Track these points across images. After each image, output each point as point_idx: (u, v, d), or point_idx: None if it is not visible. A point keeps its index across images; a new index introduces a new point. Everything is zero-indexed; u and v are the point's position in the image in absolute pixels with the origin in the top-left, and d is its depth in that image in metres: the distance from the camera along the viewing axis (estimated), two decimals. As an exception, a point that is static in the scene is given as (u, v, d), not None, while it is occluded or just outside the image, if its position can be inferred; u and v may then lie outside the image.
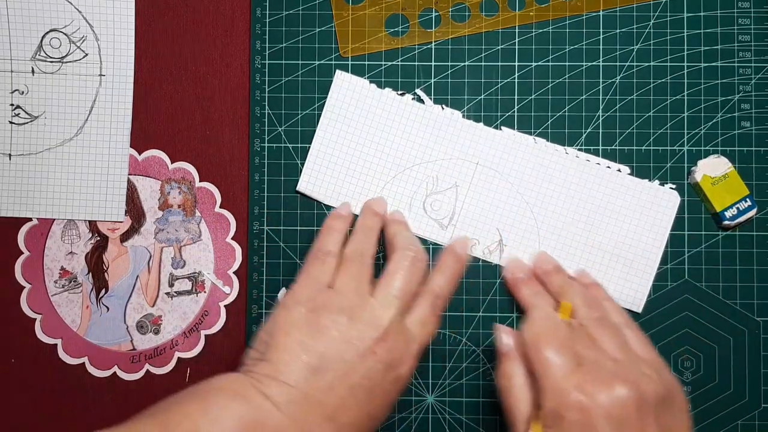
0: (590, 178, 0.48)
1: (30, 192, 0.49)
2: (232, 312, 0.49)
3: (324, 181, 0.49)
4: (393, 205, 0.49)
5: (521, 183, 0.48)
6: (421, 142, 0.48)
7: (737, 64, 0.49)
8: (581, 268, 0.48)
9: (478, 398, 0.49)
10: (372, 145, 0.49)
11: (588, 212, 0.48)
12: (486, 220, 0.48)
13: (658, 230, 0.48)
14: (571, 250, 0.48)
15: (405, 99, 0.49)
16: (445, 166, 0.48)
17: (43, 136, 0.49)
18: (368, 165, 0.49)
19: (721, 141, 0.49)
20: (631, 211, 0.48)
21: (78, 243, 0.49)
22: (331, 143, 0.49)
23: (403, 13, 0.49)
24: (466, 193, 0.48)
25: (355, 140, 0.49)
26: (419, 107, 0.49)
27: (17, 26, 0.49)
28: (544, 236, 0.48)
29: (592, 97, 0.49)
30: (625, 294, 0.48)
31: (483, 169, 0.48)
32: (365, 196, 0.49)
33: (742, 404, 0.48)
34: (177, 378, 0.49)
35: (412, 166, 0.49)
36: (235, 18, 0.50)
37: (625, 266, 0.48)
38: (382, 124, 0.49)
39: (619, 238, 0.48)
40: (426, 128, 0.49)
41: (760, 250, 0.48)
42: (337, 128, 0.49)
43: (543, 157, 0.48)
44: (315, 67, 0.49)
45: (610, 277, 0.48)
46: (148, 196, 0.50)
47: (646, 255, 0.48)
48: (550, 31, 0.49)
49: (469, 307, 0.49)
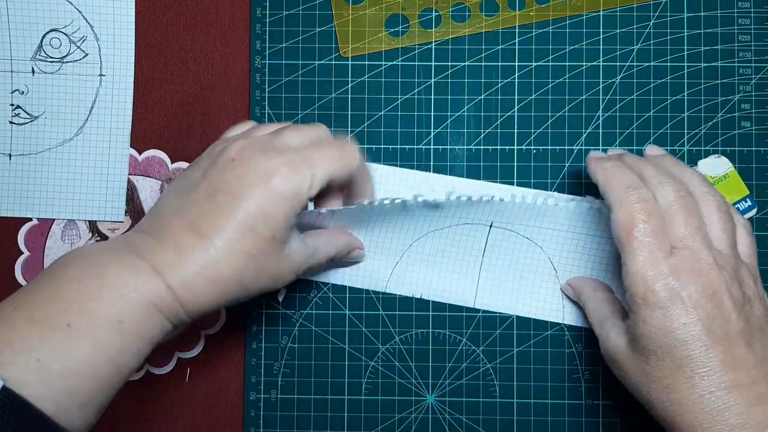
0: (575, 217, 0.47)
1: (30, 192, 0.49)
2: (232, 312, 0.49)
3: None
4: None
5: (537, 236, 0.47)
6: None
7: (737, 64, 0.49)
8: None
9: (478, 398, 0.49)
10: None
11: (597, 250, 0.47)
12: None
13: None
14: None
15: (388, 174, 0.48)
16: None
17: (43, 136, 0.49)
18: (370, 241, 0.48)
19: (721, 141, 0.49)
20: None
21: (78, 243, 0.49)
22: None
23: (403, 13, 0.49)
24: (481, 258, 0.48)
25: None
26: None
27: (17, 26, 0.49)
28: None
29: (592, 97, 0.49)
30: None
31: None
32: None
33: (742, 404, 0.48)
34: (177, 378, 0.49)
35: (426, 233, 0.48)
36: (235, 18, 0.50)
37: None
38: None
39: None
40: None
41: (760, 250, 0.48)
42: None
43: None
44: (315, 67, 0.49)
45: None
46: (148, 196, 0.50)
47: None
48: (550, 31, 0.49)
49: (469, 307, 0.49)
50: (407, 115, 0.49)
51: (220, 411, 0.49)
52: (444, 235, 0.47)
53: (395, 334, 0.49)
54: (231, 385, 0.49)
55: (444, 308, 0.49)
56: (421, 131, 0.49)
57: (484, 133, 0.49)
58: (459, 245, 0.48)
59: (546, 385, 0.48)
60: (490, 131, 0.49)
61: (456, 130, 0.49)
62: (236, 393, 0.49)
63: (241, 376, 0.49)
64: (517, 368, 0.49)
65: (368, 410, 0.49)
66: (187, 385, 0.49)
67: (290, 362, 0.49)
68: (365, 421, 0.49)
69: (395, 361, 0.49)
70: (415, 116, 0.49)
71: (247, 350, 0.49)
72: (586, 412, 0.48)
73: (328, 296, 0.49)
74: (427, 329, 0.49)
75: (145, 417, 0.48)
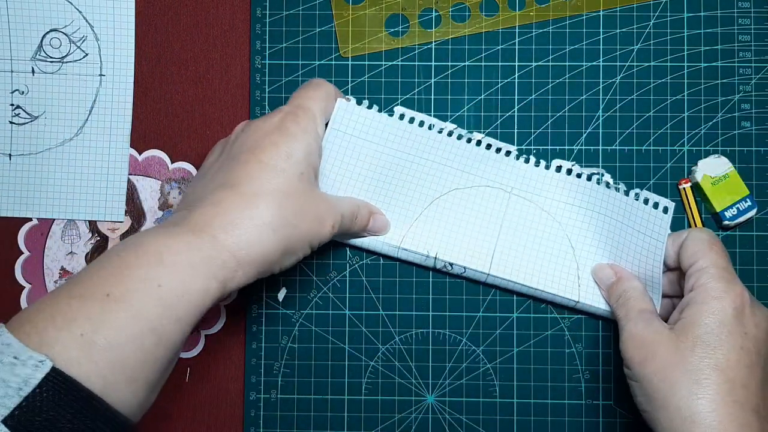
0: (585, 198, 0.47)
1: (30, 192, 0.49)
2: (232, 312, 0.49)
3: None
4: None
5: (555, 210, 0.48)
6: (431, 169, 0.47)
7: (737, 64, 0.49)
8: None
9: (478, 398, 0.49)
10: (388, 174, 0.47)
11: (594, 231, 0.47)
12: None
13: (655, 251, 0.45)
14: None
15: (410, 127, 0.47)
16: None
17: (43, 136, 0.49)
18: (388, 197, 0.48)
19: (721, 141, 0.49)
20: (627, 227, 0.46)
21: (78, 243, 0.49)
22: (336, 176, 0.47)
23: (403, 13, 0.49)
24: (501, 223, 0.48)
25: (364, 171, 0.47)
26: (427, 134, 0.47)
27: (17, 26, 0.49)
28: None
29: (592, 97, 0.49)
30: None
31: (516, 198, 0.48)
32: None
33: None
34: (177, 378, 0.49)
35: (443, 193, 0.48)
36: (235, 18, 0.50)
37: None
38: (392, 155, 0.47)
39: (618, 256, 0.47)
40: (437, 155, 0.47)
41: (760, 250, 0.48)
42: (339, 157, 0.47)
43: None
44: (315, 67, 0.49)
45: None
46: (148, 196, 0.50)
47: (648, 272, 0.45)
48: (550, 31, 0.49)
49: (469, 307, 0.49)
50: (407, 115, 0.49)
51: (220, 411, 0.49)
52: (465, 195, 0.47)
53: (395, 334, 0.49)
54: (231, 385, 0.49)
55: (444, 308, 0.49)
56: (421, 131, 0.49)
57: (484, 133, 0.49)
58: (479, 208, 0.47)
59: (546, 385, 0.48)
60: (490, 131, 0.49)
61: (456, 130, 0.49)
62: (236, 393, 0.49)
63: (241, 376, 0.49)
64: (517, 368, 0.49)
65: (368, 410, 0.49)
66: (187, 385, 0.49)
67: (290, 362, 0.49)
68: (365, 421, 0.49)
69: (395, 361, 0.49)
70: (415, 116, 0.49)
71: (247, 350, 0.49)
72: (586, 412, 0.48)
73: (328, 296, 0.49)
74: (427, 329, 0.49)
75: (145, 417, 0.47)
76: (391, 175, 0.47)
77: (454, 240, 0.47)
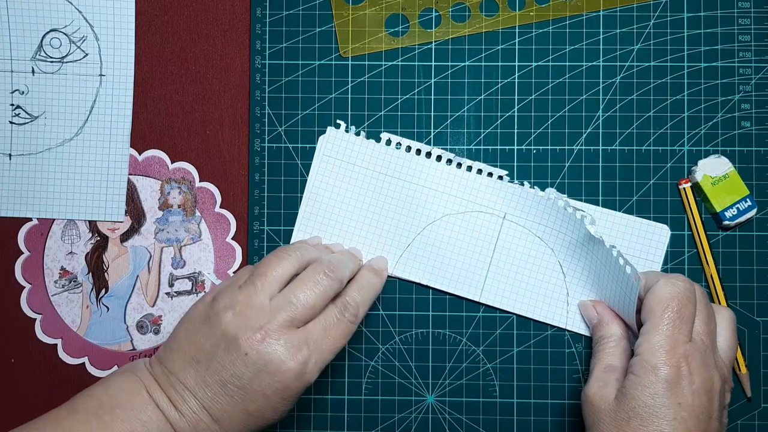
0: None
1: (30, 192, 0.49)
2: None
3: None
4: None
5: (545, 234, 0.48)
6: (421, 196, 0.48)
7: (737, 64, 0.49)
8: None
9: (478, 398, 0.49)
10: (375, 203, 0.48)
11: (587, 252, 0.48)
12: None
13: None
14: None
15: (399, 152, 0.48)
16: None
17: (43, 136, 0.49)
18: (381, 222, 0.48)
19: (721, 141, 0.49)
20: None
21: (78, 243, 0.49)
22: (323, 203, 0.48)
23: (403, 13, 0.49)
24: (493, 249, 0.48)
25: (352, 196, 0.48)
26: (414, 159, 0.48)
27: (17, 26, 0.49)
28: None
29: (592, 97, 0.49)
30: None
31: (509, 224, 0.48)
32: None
33: (741, 404, 0.48)
34: (177, 378, 0.49)
35: (432, 221, 0.48)
36: (235, 18, 0.50)
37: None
38: (383, 180, 0.48)
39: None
40: (428, 180, 0.48)
41: (760, 250, 0.48)
42: (330, 183, 0.48)
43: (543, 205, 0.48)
44: (315, 67, 0.49)
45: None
46: (148, 196, 0.50)
47: (625, 308, 0.46)
48: (550, 31, 0.49)
49: (468, 307, 0.49)
50: (407, 115, 0.49)
51: (220, 411, 0.49)
52: (458, 221, 0.48)
53: (395, 334, 0.49)
54: (231, 385, 0.49)
55: (444, 308, 0.49)
56: (421, 131, 0.49)
57: (484, 133, 0.49)
58: (471, 234, 0.48)
59: (546, 385, 0.48)
60: (490, 131, 0.49)
61: (456, 130, 0.49)
62: (236, 393, 0.49)
63: (241, 376, 0.49)
64: (517, 368, 0.49)
65: (368, 410, 0.49)
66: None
67: (290, 362, 0.49)
68: (365, 421, 0.49)
69: (395, 361, 0.49)
70: (415, 116, 0.49)
71: (247, 350, 0.49)
72: (586, 412, 0.48)
73: (328, 296, 0.49)
74: (427, 329, 0.49)
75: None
76: (382, 200, 0.48)
77: (446, 268, 0.48)
